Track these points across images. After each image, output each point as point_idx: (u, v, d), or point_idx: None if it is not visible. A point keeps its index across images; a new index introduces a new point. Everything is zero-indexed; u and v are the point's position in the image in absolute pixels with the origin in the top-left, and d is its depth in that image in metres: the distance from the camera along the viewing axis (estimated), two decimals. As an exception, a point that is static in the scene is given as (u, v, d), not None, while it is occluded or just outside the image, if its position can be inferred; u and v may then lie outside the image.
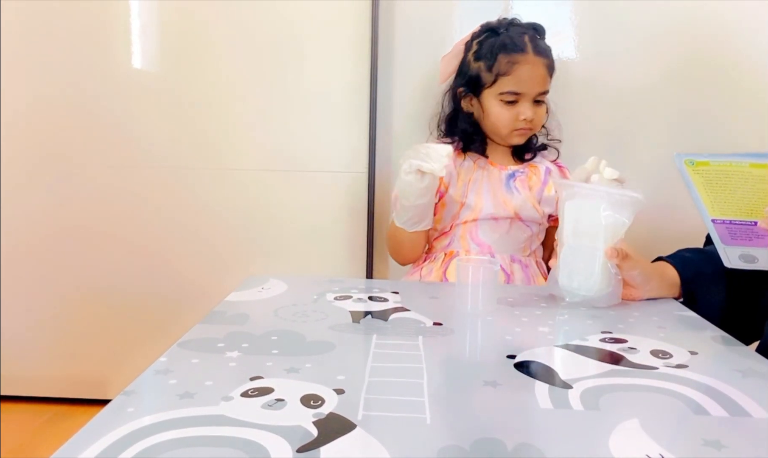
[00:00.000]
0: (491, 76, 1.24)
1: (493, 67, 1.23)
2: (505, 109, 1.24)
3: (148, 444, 0.51)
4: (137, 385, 0.62)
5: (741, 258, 0.82)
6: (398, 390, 0.63)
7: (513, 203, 1.26)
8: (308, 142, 1.64)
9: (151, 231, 1.68)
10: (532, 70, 1.22)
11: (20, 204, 1.68)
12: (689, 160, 0.75)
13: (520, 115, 1.23)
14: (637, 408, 0.60)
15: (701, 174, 0.75)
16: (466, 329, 0.86)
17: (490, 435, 0.54)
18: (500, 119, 1.25)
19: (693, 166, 0.75)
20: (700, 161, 0.75)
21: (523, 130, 1.25)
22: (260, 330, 0.81)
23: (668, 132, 1.58)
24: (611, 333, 0.81)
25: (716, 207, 0.78)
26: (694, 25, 1.54)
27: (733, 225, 0.78)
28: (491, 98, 1.25)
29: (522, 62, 1.22)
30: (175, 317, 1.68)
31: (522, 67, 1.22)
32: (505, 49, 1.22)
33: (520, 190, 1.27)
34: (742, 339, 0.85)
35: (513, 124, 1.24)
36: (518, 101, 1.23)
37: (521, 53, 1.22)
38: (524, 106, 1.23)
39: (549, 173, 1.31)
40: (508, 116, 1.24)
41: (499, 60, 1.23)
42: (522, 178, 1.29)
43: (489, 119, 1.27)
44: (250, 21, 1.60)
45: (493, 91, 1.24)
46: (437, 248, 1.31)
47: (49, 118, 1.65)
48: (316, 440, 0.52)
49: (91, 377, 1.75)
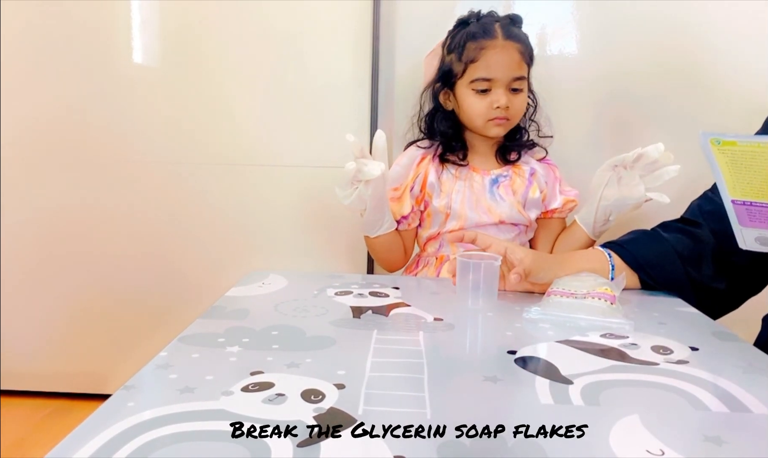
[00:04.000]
0: (461, 66, 1.21)
1: (462, 55, 1.20)
2: (478, 98, 1.20)
3: (148, 438, 0.51)
4: (137, 380, 0.62)
5: (757, 240, 0.81)
6: (399, 386, 0.63)
7: (498, 211, 1.24)
8: (309, 139, 1.63)
9: (151, 226, 1.67)
10: (502, 54, 1.19)
11: (20, 198, 1.68)
12: (715, 139, 0.74)
13: (494, 104, 1.19)
14: (637, 404, 0.60)
15: (726, 153, 0.74)
16: (466, 324, 0.85)
17: (490, 430, 0.54)
18: (474, 109, 1.21)
19: (719, 145, 0.74)
20: (726, 140, 0.73)
21: (498, 119, 1.21)
22: (261, 325, 0.81)
23: (667, 129, 1.57)
24: (612, 330, 0.81)
25: (738, 187, 0.76)
26: (694, 24, 1.54)
27: (753, 206, 0.77)
28: (464, 88, 1.22)
29: (490, 47, 1.18)
30: (174, 312, 1.68)
31: (490, 51, 1.18)
32: (473, 37, 1.20)
33: (504, 196, 1.24)
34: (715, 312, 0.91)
35: (487, 113, 1.20)
36: (491, 89, 1.20)
37: (489, 38, 1.19)
38: (497, 93, 1.19)
39: (533, 174, 1.28)
40: (481, 105, 1.20)
41: (467, 47, 1.20)
42: (505, 182, 1.26)
43: (464, 111, 1.24)
44: (251, 18, 1.60)
45: (464, 81, 1.21)
46: (429, 252, 1.31)
47: (49, 114, 1.65)
48: (316, 435, 0.52)
49: (90, 372, 1.75)
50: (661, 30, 1.54)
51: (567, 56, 1.58)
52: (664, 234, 1.04)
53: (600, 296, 0.85)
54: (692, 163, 1.09)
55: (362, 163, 1.11)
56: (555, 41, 1.58)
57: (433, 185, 1.25)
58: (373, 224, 1.22)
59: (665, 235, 1.04)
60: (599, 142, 1.59)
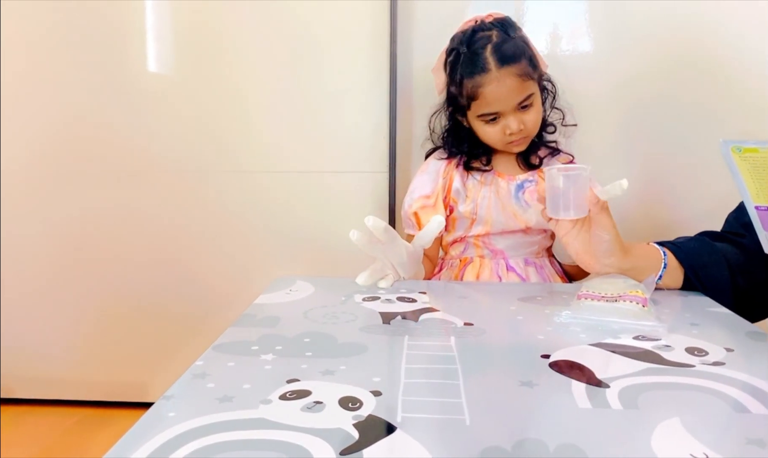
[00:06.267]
0: (465, 101, 1.20)
1: (462, 92, 1.19)
2: (490, 126, 1.20)
3: (192, 448, 0.51)
4: (176, 389, 0.63)
5: None
6: (435, 392, 0.63)
7: (524, 217, 1.23)
8: (328, 144, 1.64)
9: (175, 235, 1.69)
10: (499, 88, 1.15)
11: (51, 212, 1.69)
12: (736, 147, 0.74)
13: (506, 130, 1.19)
14: (677, 407, 0.59)
15: (748, 160, 0.74)
16: (497, 329, 0.85)
17: (530, 435, 0.54)
18: (489, 137, 1.22)
19: (740, 152, 0.74)
20: (747, 147, 0.74)
21: (516, 141, 1.21)
22: (292, 332, 0.81)
23: (675, 127, 1.57)
24: (645, 332, 0.81)
25: (761, 193, 0.77)
26: (702, 23, 1.53)
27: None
28: (474, 119, 1.22)
29: (486, 83, 1.15)
30: (199, 319, 1.70)
31: (487, 88, 1.16)
32: (467, 73, 1.17)
33: (530, 202, 1.23)
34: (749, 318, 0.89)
35: (503, 139, 1.21)
36: (500, 117, 1.19)
37: (483, 73, 1.15)
38: (508, 120, 1.18)
39: None
40: (494, 133, 1.20)
41: (465, 86, 1.18)
42: (531, 188, 1.25)
43: (480, 136, 1.24)
44: (268, 22, 1.61)
45: (472, 114, 1.21)
46: (452, 255, 1.31)
47: (73, 121, 1.67)
48: (357, 442, 0.52)
49: (117, 381, 1.76)
50: (677, 27, 1.54)
51: (581, 56, 1.57)
52: (712, 241, 1.05)
53: (631, 299, 0.85)
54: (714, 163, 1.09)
55: (377, 277, 1.06)
56: (569, 41, 1.58)
57: (459, 191, 1.25)
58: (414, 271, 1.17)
59: (715, 242, 1.04)
60: (619, 142, 1.58)
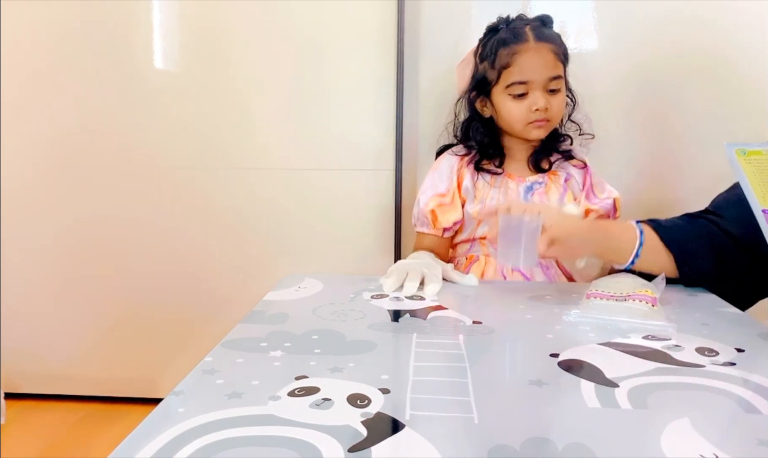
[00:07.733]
0: (495, 73, 1.20)
1: (495, 62, 1.20)
2: (516, 102, 1.20)
3: (202, 443, 0.51)
4: (185, 385, 0.63)
5: None
6: (444, 390, 0.63)
7: None
8: (335, 141, 1.64)
9: (185, 231, 1.69)
10: (535, 57, 1.18)
11: (63, 208, 1.70)
12: (740, 150, 0.74)
13: (533, 106, 1.18)
14: (686, 407, 0.59)
15: (753, 163, 0.74)
16: (506, 327, 0.85)
17: (539, 434, 0.54)
18: (512, 114, 1.21)
19: (745, 155, 0.74)
20: (752, 150, 0.74)
21: (538, 121, 1.20)
22: (301, 329, 0.81)
23: (681, 127, 1.56)
24: (654, 332, 0.80)
25: (767, 196, 0.76)
26: (709, 23, 1.52)
27: None
28: (500, 95, 1.21)
29: (522, 51, 1.18)
30: (210, 317, 1.70)
31: (523, 55, 1.17)
32: (504, 43, 1.19)
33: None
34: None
35: (527, 117, 1.20)
36: (528, 92, 1.19)
37: (521, 43, 1.18)
38: (535, 95, 1.18)
39: (568, 181, 1.27)
40: (520, 109, 1.20)
41: (499, 54, 1.19)
42: (540, 190, 1.24)
43: (502, 117, 1.23)
44: (274, 20, 1.60)
45: (500, 87, 1.21)
46: (459, 253, 1.30)
47: (72, 124, 1.66)
48: (366, 440, 0.52)
49: (123, 376, 1.77)
50: (684, 27, 1.53)
51: (589, 54, 1.56)
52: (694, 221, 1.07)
53: (641, 298, 0.84)
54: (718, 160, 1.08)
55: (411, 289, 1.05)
56: (577, 39, 1.57)
57: (468, 190, 1.25)
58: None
59: (696, 221, 1.07)
60: (624, 140, 1.58)
